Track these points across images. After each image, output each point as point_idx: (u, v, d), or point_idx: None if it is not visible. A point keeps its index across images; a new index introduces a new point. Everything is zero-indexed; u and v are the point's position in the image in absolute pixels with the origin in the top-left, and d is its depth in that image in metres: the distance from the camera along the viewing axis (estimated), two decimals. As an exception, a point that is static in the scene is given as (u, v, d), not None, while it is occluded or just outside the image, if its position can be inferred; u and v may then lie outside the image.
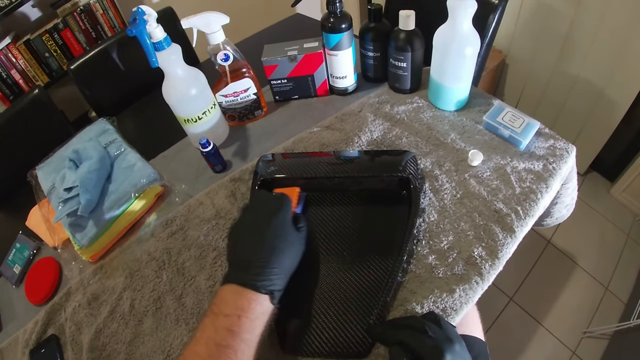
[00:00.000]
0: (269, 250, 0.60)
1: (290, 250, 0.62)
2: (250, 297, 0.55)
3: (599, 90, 1.77)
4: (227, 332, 0.52)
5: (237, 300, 0.55)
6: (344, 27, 0.92)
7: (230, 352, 0.51)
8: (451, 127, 0.94)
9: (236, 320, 0.53)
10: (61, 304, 0.82)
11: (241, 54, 0.95)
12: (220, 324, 0.53)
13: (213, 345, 0.51)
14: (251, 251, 0.61)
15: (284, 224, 0.64)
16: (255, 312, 0.54)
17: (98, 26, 1.87)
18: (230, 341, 0.51)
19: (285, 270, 0.60)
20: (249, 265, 0.59)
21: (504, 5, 1.19)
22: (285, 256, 0.61)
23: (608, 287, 1.77)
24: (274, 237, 0.62)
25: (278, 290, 0.58)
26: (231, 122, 1.07)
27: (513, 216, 0.76)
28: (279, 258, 0.59)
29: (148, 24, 0.79)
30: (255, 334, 0.54)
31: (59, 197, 0.87)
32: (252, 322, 0.54)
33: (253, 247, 0.61)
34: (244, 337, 0.52)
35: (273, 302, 0.57)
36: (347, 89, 1.07)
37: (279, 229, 0.63)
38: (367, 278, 0.70)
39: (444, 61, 0.89)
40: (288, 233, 0.63)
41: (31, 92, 1.23)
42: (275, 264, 0.59)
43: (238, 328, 0.53)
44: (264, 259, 0.59)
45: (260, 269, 0.58)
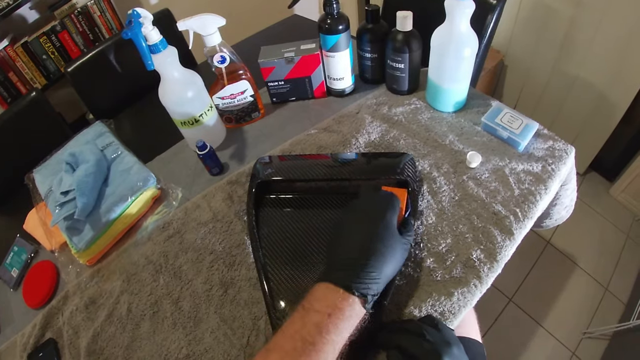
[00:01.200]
0: (369, 252, 0.58)
1: (392, 256, 0.59)
2: (343, 297, 0.53)
3: (598, 90, 1.77)
4: (315, 328, 0.51)
5: (329, 298, 0.54)
6: (341, 28, 0.92)
7: (313, 350, 0.49)
8: (449, 129, 0.94)
9: (326, 319, 0.51)
10: (59, 307, 0.82)
11: (238, 56, 0.95)
12: (309, 319, 0.52)
13: (299, 340, 0.50)
14: (350, 251, 0.59)
15: (389, 226, 0.61)
16: (345, 314, 0.53)
17: (95, 28, 1.86)
18: (316, 338, 0.50)
19: (384, 275, 0.57)
20: (347, 265, 0.57)
21: (502, 6, 1.19)
22: (386, 261, 0.58)
23: (608, 287, 1.77)
24: (377, 240, 0.59)
25: (372, 295, 0.55)
26: (228, 124, 1.07)
27: (512, 218, 0.76)
28: (378, 262, 0.57)
29: (144, 26, 0.79)
30: (342, 336, 0.52)
31: (56, 201, 0.87)
32: (342, 323, 0.52)
33: (353, 247, 0.59)
34: (330, 337, 0.51)
35: (365, 307, 0.55)
36: (344, 90, 1.07)
37: (383, 231, 0.60)
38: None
39: (441, 62, 0.89)
40: (392, 237, 0.61)
41: (29, 94, 1.23)
42: (374, 268, 0.56)
43: (326, 327, 0.51)
44: (363, 261, 0.57)
45: (357, 271, 0.56)
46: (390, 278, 0.60)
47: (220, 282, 0.76)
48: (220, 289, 0.75)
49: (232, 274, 0.77)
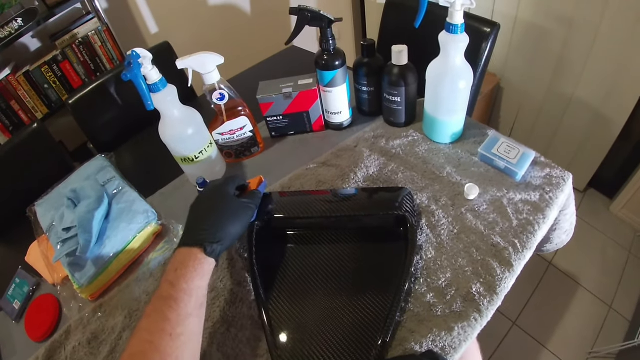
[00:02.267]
0: (199, 210, 0.71)
1: (221, 210, 0.70)
2: (183, 252, 0.63)
3: (595, 108, 1.78)
4: (166, 284, 0.59)
5: (176, 258, 0.63)
6: (338, 64, 0.93)
7: (171, 301, 0.57)
8: (447, 161, 0.95)
9: (173, 273, 0.60)
10: (61, 341, 0.81)
11: (236, 92, 0.96)
12: (162, 280, 0.61)
13: (157, 299, 0.58)
14: (189, 221, 0.70)
15: (218, 191, 0.73)
16: (189, 264, 0.61)
17: (97, 58, 1.88)
18: (170, 291, 0.58)
19: (216, 226, 0.67)
20: (186, 230, 0.69)
21: (496, 33, 1.20)
22: (214, 214, 0.69)
23: (612, 305, 1.75)
24: (203, 200, 0.73)
25: (210, 242, 0.64)
26: (228, 159, 1.08)
27: (511, 250, 0.76)
28: (207, 217, 0.68)
29: (143, 66, 0.80)
30: (193, 284, 0.60)
31: (58, 237, 0.87)
32: (187, 273, 0.60)
33: (190, 216, 0.71)
34: (182, 286, 0.59)
35: (207, 253, 0.63)
36: (342, 124, 1.08)
37: (211, 194, 0.73)
38: (366, 318, 0.70)
39: (437, 95, 0.90)
40: (222, 198, 0.72)
41: (30, 125, 1.24)
42: (204, 222, 0.67)
43: (175, 279, 0.59)
44: (195, 221, 0.69)
45: (192, 229, 0.68)
46: (234, 231, 0.69)
47: (222, 319, 0.76)
48: (222, 326, 0.75)
49: (234, 312, 0.77)
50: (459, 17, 0.77)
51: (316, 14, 0.87)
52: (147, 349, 0.54)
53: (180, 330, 0.56)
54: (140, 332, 0.56)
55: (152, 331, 0.55)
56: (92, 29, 1.83)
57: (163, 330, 0.55)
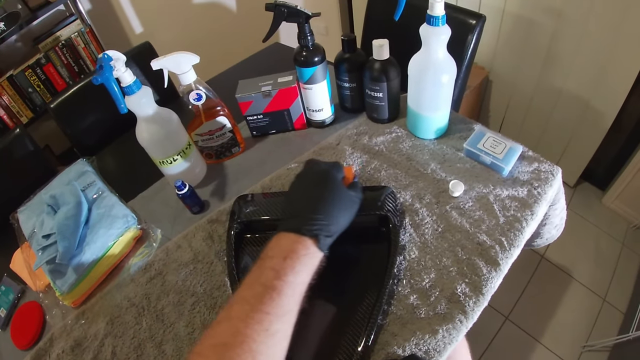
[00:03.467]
0: (315, 200, 0.63)
1: (338, 201, 0.63)
2: (294, 240, 0.57)
3: (585, 100, 1.77)
4: (271, 272, 0.53)
5: (283, 244, 0.57)
6: (317, 60, 0.91)
7: (274, 293, 0.51)
8: (431, 157, 0.93)
9: (281, 262, 0.54)
10: (46, 349, 0.80)
11: (214, 92, 0.94)
12: (266, 265, 0.55)
13: (257, 286, 0.52)
14: (299, 203, 0.64)
15: (332, 179, 0.66)
16: (299, 254, 0.55)
17: (80, 60, 1.86)
18: (274, 282, 0.52)
19: (333, 219, 0.61)
20: (296, 214, 0.62)
21: (481, 25, 1.18)
22: (333, 207, 0.62)
23: (606, 298, 1.75)
24: (322, 189, 0.64)
25: (324, 235, 0.59)
26: (209, 160, 1.06)
27: (497, 248, 0.75)
28: (324, 206, 0.61)
29: (116, 69, 0.79)
30: (300, 278, 0.55)
31: (38, 244, 0.86)
32: (296, 264, 0.55)
33: (301, 199, 0.65)
34: (288, 279, 0.53)
35: (319, 247, 0.58)
36: (324, 121, 1.06)
37: (326, 182, 0.65)
38: (347, 321, 0.68)
39: (420, 90, 0.88)
40: (336, 187, 0.65)
41: (12, 131, 1.22)
42: (320, 212, 0.60)
43: (282, 269, 0.53)
44: (309, 207, 0.61)
45: (304, 215, 0.60)
46: (343, 224, 0.64)
47: (202, 325, 0.75)
48: (202, 332, 0.74)
49: (214, 317, 0.76)
50: (439, 8, 0.75)
51: (292, 10, 0.85)
52: (238, 341, 0.48)
53: (277, 327, 0.50)
54: (232, 320, 0.50)
55: (247, 322, 0.49)
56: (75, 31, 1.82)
57: (260, 323, 0.49)
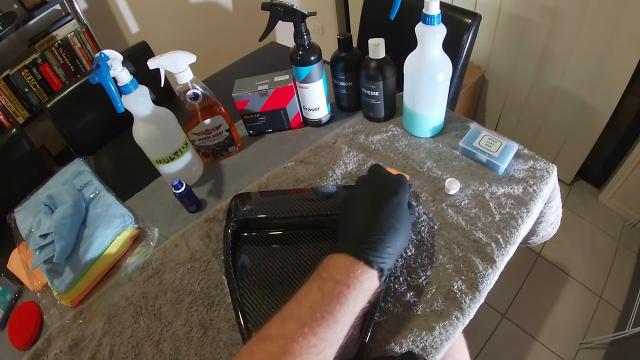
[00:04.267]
0: (386, 227, 0.58)
1: (404, 233, 0.61)
2: (363, 269, 0.54)
3: (581, 98, 1.78)
4: (334, 299, 0.51)
5: (348, 269, 0.54)
6: (313, 59, 0.92)
7: (332, 320, 0.49)
8: (427, 155, 0.93)
9: (345, 290, 0.52)
10: (43, 349, 0.80)
11: (211, 91, 0.94)
12: (328, 289, 0.52)
13: (317, 310, 0.50)
14: (367, 225, 0.59)
15: (402, 204, 0.63)
16: (364, 286, 0.53)
17: (76, 60, 1.86)
18: (335, 309, 0.50)
19: (397, 251, 0.59)
20: (364, 239, 0.58)
21: (477, 25, 1.19)
22: (399, 237, 0.59)
23: (602, 295, 1.76)
24: (392, 216, 0.60)
25: (388, 270, 0.57)
26: (205, 160, 1.06)
27: (493, 245, 0.75)
28: (393, 237, 0.58)
29: (112, 68, 0.79)
30: (358, 308, 0.53)
31: (36, 244, 0.86)
32: (359, 295, 0.53)
33: (369, 221, 0.60)
34: (349, 308, 0.51)
35: (380, 280, 0.56)
36: (320, 120, 1.06)
37: (397, 208, 0.62)
38: (345, 319, 0.68)
39: (415, 89, 0.88)
40: (404, 215, 0.62)
41: (9, 131, 1.22)
42: (390, 244, 0.57)
43: (345, 298, 0.51)
44: (380, 235, 0.58)
45: (375, 244, 0.57)
46: (400, 255, 0.63)
47: (200, 323, 0.75)
48: (199, 330, 0.74)
49: (211, 315, 0.76)
50: (435, 7, 0.75)
51: (289, 9, 0.85)
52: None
53: (328, 352, 0.49)
54: (287, 339, 0.48)
55: (302, 345, 0.47)
56: (71, 31, 1.81)
57: (314, 347, 0.48)
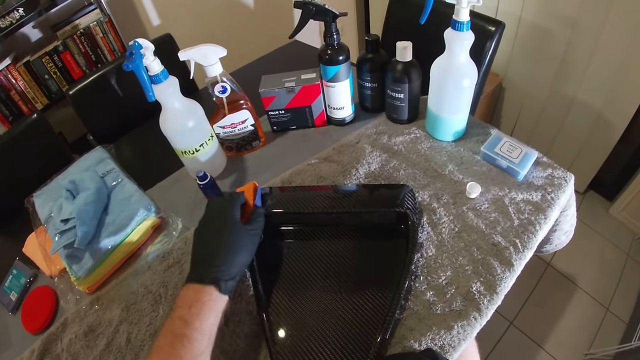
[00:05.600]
0: (214, 248, 0.66)
1: (236, 245, 0.67)
2: (197, 289, 0.61)
3: (596, 110, 1.78)
4: (180, 321, 0.58)
5: (189, 294, 0.61)
6: (342, 59, 0.93)
7: (184, 340, 0.56)
8: (449, 158, 0.94)
9: (187, 310, 0.59)
10: (57, 334, 0.81)
11: (238, 85, 0.95)
12: (176, 315, 0.59)
13: (169, 335, 0.57)
14: (199, 251, 0.68)
15: (229, 222, 0.69)
16: (202, 301, 0.60)
17: (98, 49, 1.87)
18: (184, 329, 0.57)
19: (232, 263, 0.65)
20: (198, 264, 0.66)
21: (500, 32, 1.19)
22: (230, 251, 0.66)
23: (609, 307, 1.75)
24: (219, 236, 0.68)
25: (224, 280, 0.63)
26: (229, 153, 1.07)
27: (511, 249, 0.76)
28: (222, 253, 0.65)
29: (145, 57, 0.80)
30: (206, 322, 0.59)
31: (56, 229, 0.87)
32: (201, 311, 0.59)
33: (201, 247, 0.68)
34: (196, 325, 0.58)
35: (221, 291, 0.62)
36: (344, 119, 1.07)
37: (224, 227, 0.68)
38: (365, 315, 0.69)
39: (441, 93, 0.89)
40: (233, 230, 0.68)
41: (29, 116, 1.23)
42: (219, 259, 0.65)
43: (189, 317, 0.58)
44: (208, 256, 0.66)
45: (206, 265, 0.64)
46: (244, 264, 0.68)
47: (221, 314, 0.76)
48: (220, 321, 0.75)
49: (233, 307, 0.77)
50: (465, 14, 0.76)
51: (321, 8, 0.86)
52: None
53: None
54: None
55: None
56: (94, 20, 1.82)
57: None
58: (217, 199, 0.76)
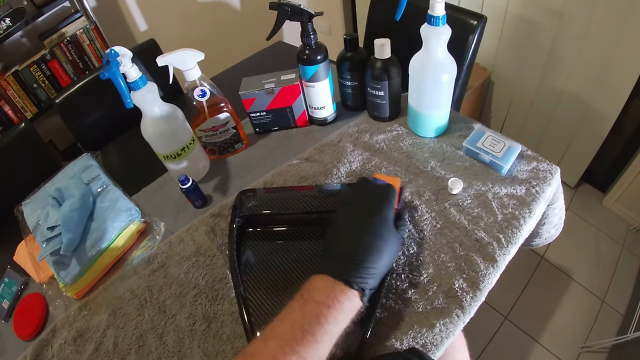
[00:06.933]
0: (367, 248, 0.59)
1: (388, 251, 0.61)
2: (342, 290, 0.55)
3: (586, 102, 1.77)
4: (314, 319, 0.52)
5: (329, 290, 0.55)
6: (320, 58, 0.93)
7: (312, 340, 0.51)
8: (431, 155, 0.94)
9: (325, 310, 0.53)
10: (48, 340, 0.81)
11: (218, 89, 0.95)
12: (309, 309, 0.53)
13: (298, 330, 0.51)
14: (349, 246, 0.60)
15: (386, 222, 0.63)
16: (344, 306, 0.54)
17: (85, 57, 1.88)
18: (315, 329, 0.51)
19: (380, 270, 0.59)
20: (346, 260, 0.59)
21: (482, 26, 1.19)
22: (383, 256, 0.60)
23: (604, 299, 1.75)
24: (374, 236, 0.61)
25: (370, 289, 0.57)
26: (212, 156, 1.07)
27: (495, 245, 0.76)
28: (376, 257, 0.59)
29: (122, 64, 0.80)
30: (339, 327, 0.54)
31: (43, 236, 0.87)
32: (340, 315, 0.54)
33: (352, 242, 0.61)
34: (329, 328, 0.52)
35: (362, 300, 0.57)
36: (326, 119, 1.07)
37: (380, 227, 0.62)
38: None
39: (420, 89, 0.89)
40: (389, 233, 0.62)
41: (18, 126, 1.24)
42: (372, 263, 0.58)
43: (325, 318, 0.52)
44: (361, 256, 0.58)
45: (356, 266, 0.57)
46: (386, 272, 0.61)
47: (204, 316, 0.76)
48: (203, 323, 0.75)
49: (215, 309, 0.77)
50: (440, 8, 0.76)
51: (296, 9, 0.86)
52: None
53: None
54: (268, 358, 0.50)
55: None
56: (80, 28, 1.83)
57: None
58: (370, 186, 0.70)
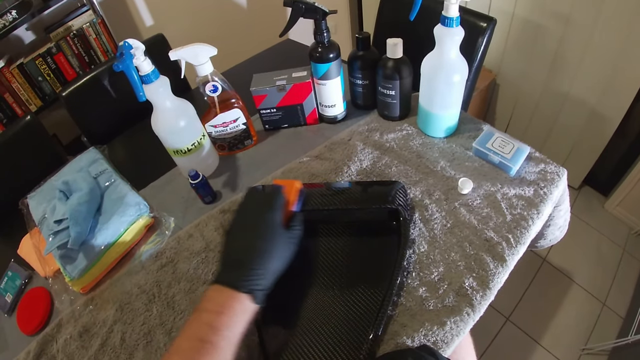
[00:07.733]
0: (252, 251, 0.62)
1: (276, 252, 0.63)
2: (230, 296, 0.57)
3: (591, 105, 1.78)
4: (208, 327, 0.55)
5: (218, 298, 0.58)
6: (332, 56, 0.93)
7: (210, 347, 0.53)
8: (441, 155, 0.94)
9: (216, 317, 0.55)
10: (52, 335, 0.81)
11: (229, 85, 0.95)
12: (203, 319, 0.56)
13: (195, 340, 0.54)
14: (235, 252, 0.64)
15: (270, 223, 0.65)
16: (234, 310, 0.56)
17: (91, 50, 1.87)
18: (211, 336, 0.54)
19: (270, 271, 0.61)
20: (233, 265, 0.62)
21: (492, 28, 1.19)
22: (270, 258, 0.62)
23: (605, 302, 1.76)
24: (258, 238, 0.63)
25: (260, 290, 0.59)
26: (221, 152, 1.07)
27: (504, 244, 0.76)
28: (262, 260, 0.61)
29: (135, 57, 0.80)
30: (235, 332, 0.56)
31: (50, 229, 0.86)
32: (232, 319, 0.56)
33: (238, 248, 0.64)
34: (224, 333, 0.54)
35: (255, 302, 0.58)
36: (336, 117, 1.08)
37: (264, 229, 0.64)
38: (357, 311, 0.69)
39: (432, 89, 0.89)
40: (273, 233, 0.64)
41: (23, 118, 1.23)
42: (256, 265, 0.60)
43: (218, 324, 0.55)
44: (246, 260, 0.61)
45: (241, 270, 0.60)
46: (278, 273, 0.63)
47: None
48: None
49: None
50: (454, 10, 0.76)
51: (310, 6, 0.86)
52: None
53: None
54: None
55: None
56: (87, 21, 1.82)
57: None
58: (257, 193, 0.72)
